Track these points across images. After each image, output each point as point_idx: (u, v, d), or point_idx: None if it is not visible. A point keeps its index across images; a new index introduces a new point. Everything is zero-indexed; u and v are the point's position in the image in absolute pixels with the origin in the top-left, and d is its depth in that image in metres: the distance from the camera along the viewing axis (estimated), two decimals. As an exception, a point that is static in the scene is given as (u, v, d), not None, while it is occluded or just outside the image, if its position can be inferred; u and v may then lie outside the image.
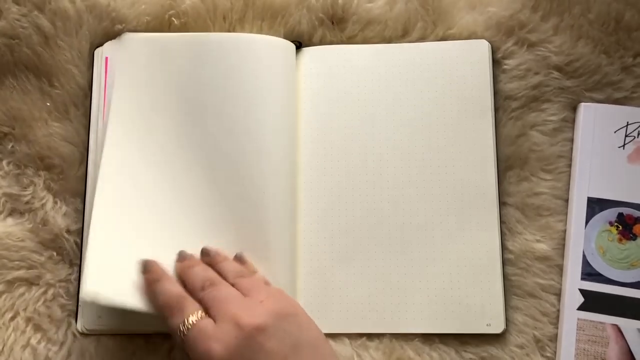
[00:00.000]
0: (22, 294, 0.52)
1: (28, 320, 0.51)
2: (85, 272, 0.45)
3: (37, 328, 0.51)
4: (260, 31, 0.55)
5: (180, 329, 0.41)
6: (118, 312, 0.48)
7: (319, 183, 0.53)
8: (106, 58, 0.54)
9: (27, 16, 0.53)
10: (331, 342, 0.51)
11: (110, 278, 0.46)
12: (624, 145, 0.52)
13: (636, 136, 0.52)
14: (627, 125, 0.52)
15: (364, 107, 0.54)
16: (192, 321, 0.41)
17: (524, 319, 0.51)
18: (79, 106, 0.54)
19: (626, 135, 0.52)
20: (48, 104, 0.54)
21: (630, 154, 0.52)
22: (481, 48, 0.53)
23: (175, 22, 0.54)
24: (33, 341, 0.51)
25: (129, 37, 0.53)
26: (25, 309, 0.51)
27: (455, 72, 0.53)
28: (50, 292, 0.52)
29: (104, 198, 0.49)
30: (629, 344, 0.49)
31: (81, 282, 0.48)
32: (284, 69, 0.53)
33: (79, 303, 0.51)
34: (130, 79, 0.52)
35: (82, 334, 0.51)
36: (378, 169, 0.53)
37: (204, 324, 0.41)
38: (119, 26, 0.54)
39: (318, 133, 0.54)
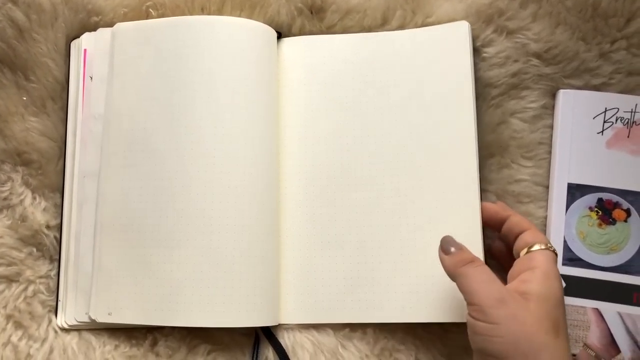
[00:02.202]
0: (2, 291, 0.51)
1: (8, 317, 0.51)
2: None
3: (18, 325, 0.51)
4: (239, 22, 0.54)
5: None
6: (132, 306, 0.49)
7: (301, 173, 0.53)
8: (84, 50, 0.53)
9: (1, 9, 0.52)
10: (315, 332, 0.51)
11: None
12: (602, 131, 0.52)
13: (614, 122, 0.52)
14: (605, 111, 0.52)
15: (345, 97, 0.53)
16: None
17: (506, 306, 0.51)
18: (57, 100, 0.54)
19: (604, 121, 0.52)
20: (24, 98, 0.53)
21: (609, 139, 0.52)
22: (461, 29, 0.53)
23: (153, 13, 0.54)
24: (14, 338, 0.50)
25: (113, 28, 0.53)
26: (5, 306, 0.51)
27: (437, 55, 0.53)
28: (31, 288, 0.51)
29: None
30: (610, 327, 0.50)
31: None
32: (267, 53, 0.53)
33: (59, 298, 0.51)
34: (122, 69, 0.52)
35: (62, 329, 0.51)
36: (360, 158, 0.52)
37: None
38: (95, 18, 0.54)
39: (299, 122, 0.53)
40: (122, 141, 0.51)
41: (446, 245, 0.45)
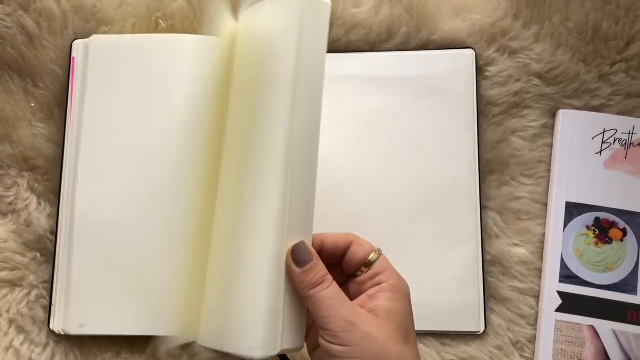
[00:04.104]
0: (5, 296, 0.51)
1: (11, 321, 0.51)
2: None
3: (20, 330, 0.51)
4: (246, 34, 0.55)
5: None
6: (104, 317, 0.49)
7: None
8: (73, 58, 0.53)
9: (12, 16, 0.53)
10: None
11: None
12: (601, 152, 0.53)
13: (612, 143, 0.53)
14: (604, 132, 0.53)
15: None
16: None
17: (503, 321, 0.52)
18: (63, 107, 0.54)
19: (603, 142, 0.53)
20: (32, 104, 0.54)
21: (607, 160, 0.53)
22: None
23: (162, 24, 0.54)
24: (16, 343, 0.51)
25: (87, 40, 0.53)
26: (8, 311, 0.51)
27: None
28: (34, 293, 0.52)
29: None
30: (604, 344, 0.51)
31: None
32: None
33: (52, 303, 0.51)
34: (96, 81, 0.52)
35: (62, 335, 0.51)
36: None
37: None
38: (104, 27, 0.54)
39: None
40: (94, 152, 0.51)
41: (299, 256, 0.41)
